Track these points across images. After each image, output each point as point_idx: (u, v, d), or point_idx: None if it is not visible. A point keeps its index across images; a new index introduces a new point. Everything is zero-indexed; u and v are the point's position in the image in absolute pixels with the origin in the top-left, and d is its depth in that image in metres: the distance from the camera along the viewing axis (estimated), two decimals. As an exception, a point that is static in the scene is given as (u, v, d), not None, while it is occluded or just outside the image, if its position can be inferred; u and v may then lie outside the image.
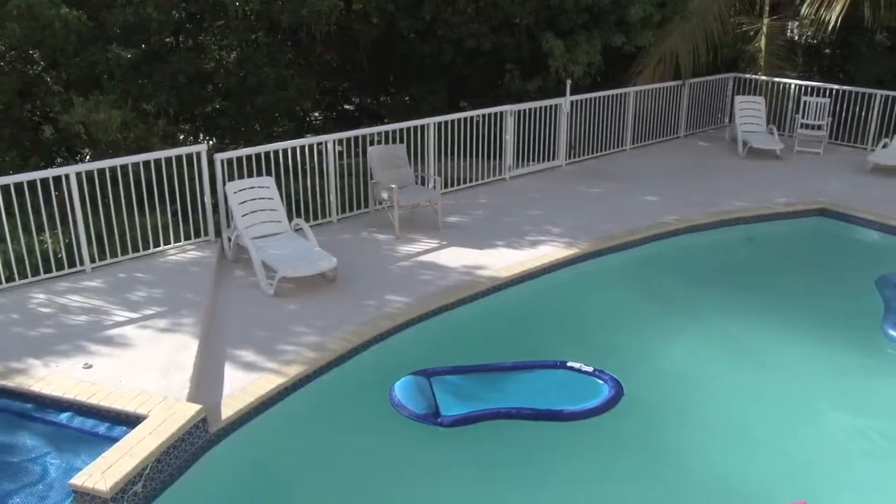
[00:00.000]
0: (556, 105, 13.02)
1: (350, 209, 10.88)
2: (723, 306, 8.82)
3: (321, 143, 10.37)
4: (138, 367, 6.75)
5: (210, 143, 13.57)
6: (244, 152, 9.72)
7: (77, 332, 7.35)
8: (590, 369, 7.22)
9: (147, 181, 9.05)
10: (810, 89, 14.80)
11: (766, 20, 15.84)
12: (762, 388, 7.29)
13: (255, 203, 9.13)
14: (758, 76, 15.49)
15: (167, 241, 9.34)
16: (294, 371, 6.90)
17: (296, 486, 5.95)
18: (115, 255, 8.91)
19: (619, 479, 6.06)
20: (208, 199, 9.41)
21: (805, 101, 14.61)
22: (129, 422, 5.94)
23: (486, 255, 9.50)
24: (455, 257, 9.45)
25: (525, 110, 12.59)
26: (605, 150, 14.11)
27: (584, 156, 13.79)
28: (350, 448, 6.36)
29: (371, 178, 10.55)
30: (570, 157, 13.57)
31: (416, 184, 10.82)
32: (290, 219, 9.40)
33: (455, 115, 11.66)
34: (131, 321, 7.61)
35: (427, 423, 6.49)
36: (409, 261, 9.40)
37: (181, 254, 9.28)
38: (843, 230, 11.10)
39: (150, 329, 7.46)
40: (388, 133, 11.03)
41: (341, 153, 10.91)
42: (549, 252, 9.63)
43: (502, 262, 9.31)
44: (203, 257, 9.22)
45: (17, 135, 11.78)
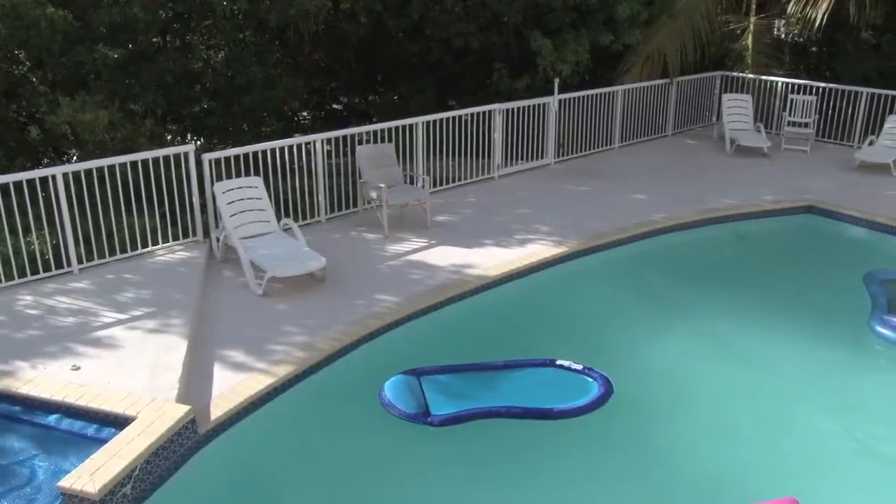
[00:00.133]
0: (545, 104, 13.04)
1: (339, 209, 10.86)
2: (711, 304, 8.86)
3: (309, 143, 10.35)
4: (127, 369, 6.73)
5: (198, 143, 13.53)
6: (232, 152, 9.70)
7: (65, 334, 7.32)
8: (579, 367, 7.23)
9: (135, 182, 9.01)
10: (797, 87, 14.88)
11: (753, 18, 15.90)
12: (750, 384, 7.32)
13: (243, 203, 9.11)
14: (745, 74, 15.55)
15: (155, 242, 9.30)
16: (283, 371, 6.89)
17: (286, 487, 5.94)
18: (103, 256, 8.87)
19: (609, 477, 6.07)
20: (196, 200, 9.38)
21: (792, 99, 14.68)
22: (118, 423, 5.92)
23: (475, 254, 9.51)
24: (444, 256, 9.45)
25: (513, 109, 12.59)
26: (594, 148, 14.14)
27: (572, 154, 13.82)
28: (340, 448, 6.35)
29: (360, 178, 10.54)
30: (558, 156, 13.59)
31: (405, 183, 10.81)
32: (278, 219, 9.38)
33: (443, 114, 11.66)
34: (119, 322, 7.58)
35: (417, 422, 6.49)
36: (398, 260, 9.40)
37: (169, 254, 9.25)
38: (830, 227, 11.17)
39: (139, 330, 7.43)
40: (376, 132, 11.02)
41: (330, 153, 10.89)
42: (538, 251, 9.65)
43: (491, 260, 9.32)
44: (191, 258, 9.19)
45: (3, 135, 11.70)
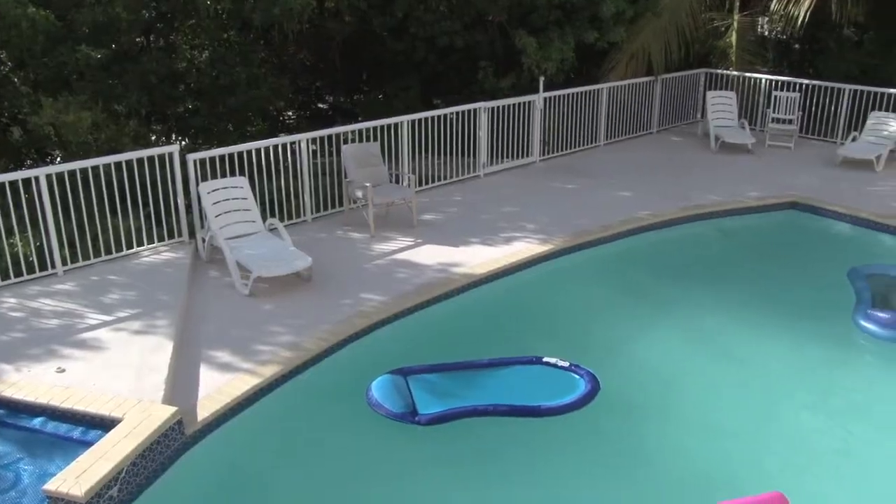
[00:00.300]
0: (530, 102, 13.06)
1: (324, 208, 10.84)
2: (697, 300, 8.90)
3: (295, 143, 10.33)
4: (112, 371, 6.69)
5: (183, 143, 13.47)
6: (217, 152, 9.67)
7: (49, 336, 7.27)
8: (566, 364, 7.25)
9: (119, 182, 8.97)
10: (781, 84, 14.96)
11: (736, 16, 15.98)
12: (736, 380, 7.37)
13: (228, 203, 9.08)
14: (729, 71, 15.63)
15: (140, 243, 9.26)
16: (270, 371, 6.87)
17: (273, 487, 5.93)
18: (88, 258, 8.82)
19: (596, 474, 6.09)
20: (181, 200, 9.34)
21: (776, 96, 14.76)
22: (104, 425, 5.89)
23: (461, 253, 9.51)
24: (430, 255, 9.45)
25: (499, 107, 12.60)
26: (579, 146, 14.17)
27: (557, 152, 13.84)
28: (327, 448, 6.35)
29: (345, 177, 10.53)
30: (543, 154, 13.61)
31: (391, 182, 10.81)
32: (264, 219, 9.36)
33: (429, 113, 11.65)
34: (105, 324, 7.54)
35: (404, 421, 6.49)
36: (384, 259, 9.39)
37: (155, 255, 9.21)
38: (815, 223, 11.23)
39: (124, 331, 7.40)
40: (361, 131, 11.01)
41: (315, 152, 10.87)
42: (524, 248, 9.66)
43: (477, 259, 9.33)
44: (177, 258, 9.15)
45: (-15, 137, 11.65)
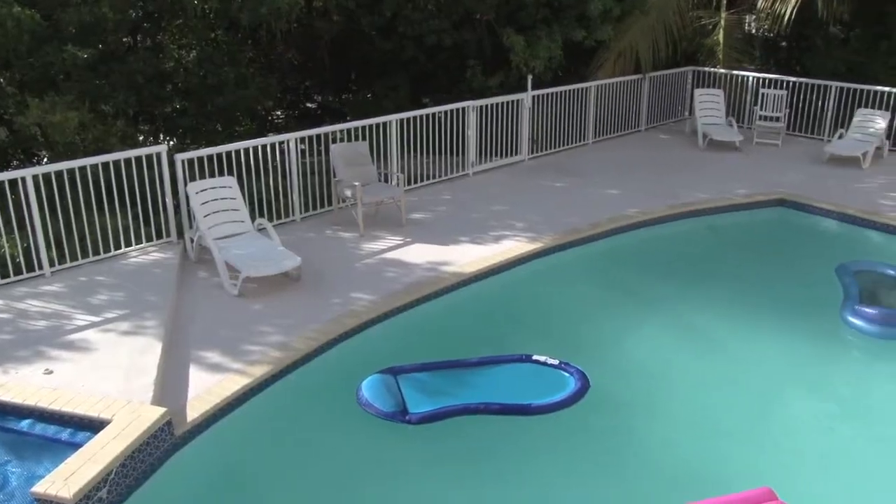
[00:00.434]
0: (518, 100, 13.07)
1: (313, 207, 10.82)
2: (686, 297, 8.93)
3: (283, 142, 10.30)
4: (101, 372, 6.66)
5: (171, 143, 13.42)
6: (205, 152, 9.63)
7: (37, 338, 7.23)
8: (555, 362, 7.26)
9: (107, 183, 8.93)
10: (768, 82, 15.03)
11: (723, 14, 16.03)
12: (726, 376, 7.40)
13: (217, 203, 9.06)
14: (716, 69, 15.68)
15: (128, 244, 9.21)
16: (260, 371, 6.86)
17: (264, 487, 5.92)
18: (76, 259, 8.77)
19: (588, 471, 6.11)
20: (170, 200, 9.31)
21: (763, 94, 14.83)
22: (93, 427, 5.86)
23: (451, 251, 9.51)
24: (419, 254, 9.45)
25: (487, 106, 12.60)
26: (568, 144, 14.19)
27: (546, 150, 13.86)
28: (318, 448, 6.34)
29: (334, 177, 10.51)
30: (532, 152, 13.63)
31: (380, 181, 10.80)
32: (252, 218, 9.34)
33: (417, 112, 11.65)
34: (93, 325, 7.51)
35: (395, 420, 6.49)
36: (373, 258, 9.39)
37: (143, 256, 9.17)
38: (803, 220, 11.30)
39: (113, 332, 7.36)
40: (350, 131, 10.99)
41: (304, 151, 10.85)
42: (513, 247, 9.67)
43: (466, 257, 9.33)
44: (165, 259, 9.11)
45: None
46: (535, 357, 7.35)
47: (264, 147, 10.17)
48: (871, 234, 10.64)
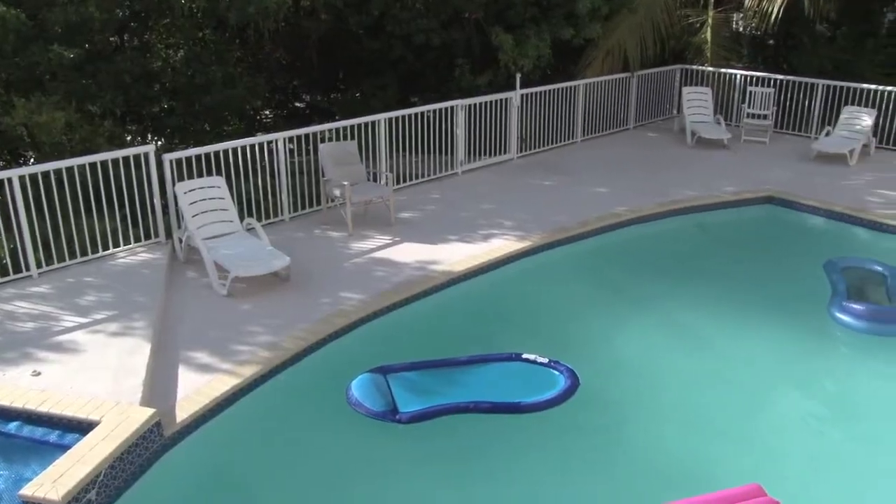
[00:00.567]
0: (507, 99, 13.08)
1: (302, 207, 10.81)
2: (675, 295, 8.96)
3: (272, 142, 10.28)
4: (89, 373, 6.63)
5: (158, 143, 13.36)
6: (193, 152, 9.61)
7: (25, 339, 7.20)
8: (545, 360, 7.27)
9: (94, 183, 8.89)
10: (755, 79, 15.10)
11: (711, 12, 16.08)
12: (714, 373, 7.43)
13: (205, 203, 9.03)
14: (704, 67, 15.74)
15: (116, 244, 9.18)
16: (249, 371, 6.84)
17: (254, 488, 5.91)
18: (63, 260, 8.73)
19: (578, 469, 6.12)
20: (158, 201, 9.27)
21: (751, 92, 14.90)
22: (81, 428, 5.84)
23: (440, 250, 9.52)
24: (408, 253, 9.45)
25: (475, 105, 12.61)
26: (556, 142, 14.21)
27: (535, 149, 13.88)
28: (308, 447, 6.33)
29: (323, 176, 10.50)
30: (521, 151, 13.64)
31: (368, 180, 10.79)
32: (241, 218, 9.32)
33: (406, 111, 11.63)
34: (81, 326, 7.47)
35: (385, 420, 6.49)
36: (362, 257, 9.38)
37: (131, 256, 9.13)
38: (790, 217, 11.35)
39: (101, 334, 7.33)
40: (339, 130, 10.98)
41: (292, 151, 10.83)
42: (502, 245, 9.68)
43: (456, 256, 9.33)
44: (154, 259, 9.08)
45: (-44, 138, 11.48)
46: (524, 355, 7.36)
47: (253, 147, 10.14)
48: (858, 230, 10.71)
